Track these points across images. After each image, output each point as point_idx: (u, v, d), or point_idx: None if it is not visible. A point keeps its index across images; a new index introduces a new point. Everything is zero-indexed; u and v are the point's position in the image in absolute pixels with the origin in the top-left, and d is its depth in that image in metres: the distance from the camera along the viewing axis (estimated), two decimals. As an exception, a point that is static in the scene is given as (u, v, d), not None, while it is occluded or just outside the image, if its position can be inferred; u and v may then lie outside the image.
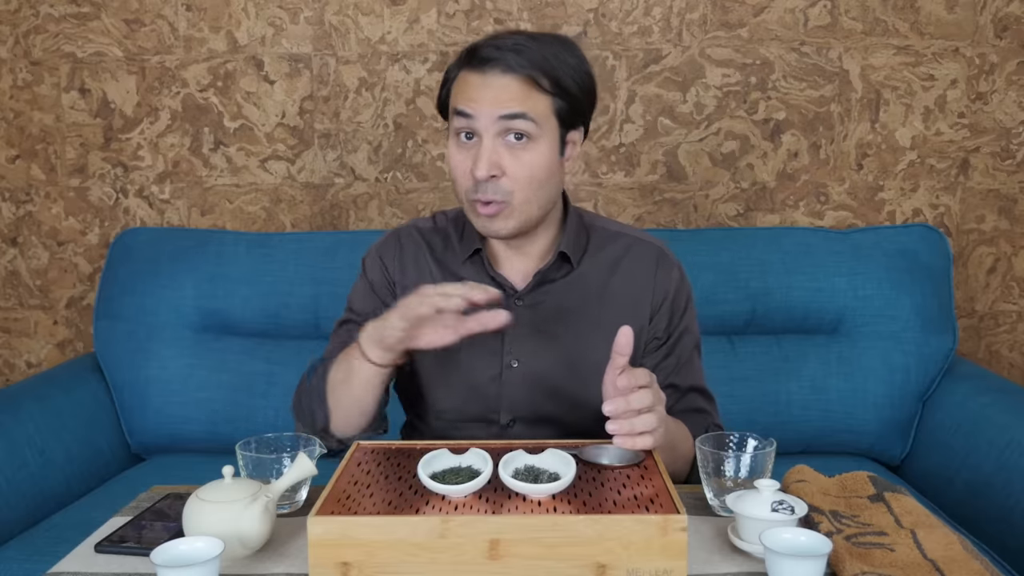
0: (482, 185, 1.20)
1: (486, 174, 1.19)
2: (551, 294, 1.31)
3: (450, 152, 1.25)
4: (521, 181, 1.20)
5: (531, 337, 1.29)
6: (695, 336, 1.37)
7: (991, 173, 2.16)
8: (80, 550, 1.03)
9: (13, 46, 2.24)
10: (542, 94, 1.20)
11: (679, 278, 1.35)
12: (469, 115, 1.20)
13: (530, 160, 1.20)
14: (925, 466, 1.87)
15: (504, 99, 1.19)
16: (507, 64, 1.19)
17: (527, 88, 1.19)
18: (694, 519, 1.06)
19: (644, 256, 1.34)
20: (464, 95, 1.21)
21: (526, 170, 1.20)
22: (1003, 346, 2.24)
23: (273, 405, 1.95)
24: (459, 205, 1.31)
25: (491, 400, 1.30)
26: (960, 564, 0.93)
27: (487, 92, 1.19)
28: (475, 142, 1.21)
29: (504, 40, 1.20)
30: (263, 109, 2.22)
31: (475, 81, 1.20)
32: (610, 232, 1.36)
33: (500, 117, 1.19)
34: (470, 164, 1.21)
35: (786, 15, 2.12)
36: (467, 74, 1.22)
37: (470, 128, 1.21)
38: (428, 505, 0.94)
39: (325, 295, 1.98)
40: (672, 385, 1.33)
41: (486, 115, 1.19)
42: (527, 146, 1.20)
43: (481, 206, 1.21)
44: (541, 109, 1.20)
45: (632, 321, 1.29)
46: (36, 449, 1.77)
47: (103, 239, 2.29)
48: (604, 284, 1.32)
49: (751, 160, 2.18)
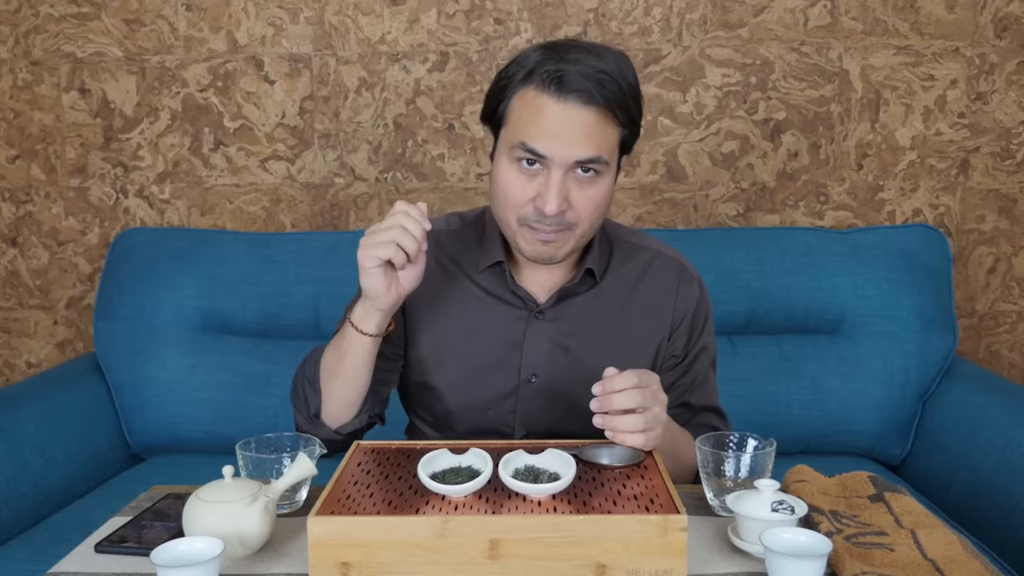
0: (547, 219, 1.16)
1: (557, 210, 1.14)
2: (572, 309, 1.29)
3: (504, 172, 1.18)
4: (584, 213, 1.17)
5: (550, 352, 1.28)
6: (712, 353, 1.36)
7: (991, 173, 2.16)
8: (80, 550, 1.03)
9: (13, 46, 2.24)
10: (615, 127, 1.16)
11: (699, 294, 1.33)
12: (542, 156, 1.14)
13: (595, 194, 1.17)
14: (925, 466, 1.87)
15: (581, 138, 1.13)
16: (590, 95, 1.12)
17: (604, 123, 1.14)
18: (694, 519, 1.05)
19: (665, 271, 1.32)
20: (537, 126, 1.13)
21: (591, 204, 1.17)
22: (1003, 346, 2.24)
23: (273, 405, 1.95)
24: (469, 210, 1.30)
25: (506, 414, 1.28)
26: (960, 564, 0.93)
27: (564, 127, 1.13)
28: (539, 170, 1.15)
29: (584, 67, 1.12)
30: (263, 109, 2.22)
31: (552, 111, 1.13)
32: (632, 245, 1.34)
33: (576, 161, 1.14)
34: (531, 193, 1.16)
35: (786, 15, 2.12)
36: (541, 98, 1.14)
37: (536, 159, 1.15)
38: (428, 505, 0.94)
39: (325, 295, 1.98)
40: (686, 403, 1.32)
41: (562, 157, 1.13)
42: (594, 180, 1.16)
43: (540, 233, 1.17)
44: (612, 145, 1.17)
45: (651, 335, 1.30)
46: (36, 449, 1.77)
47: (103, 239, 2.29)
48: (625, 299, 1.30)
49: (751, 160, 2.18)
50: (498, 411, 1.28)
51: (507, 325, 1.28)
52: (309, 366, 1.27)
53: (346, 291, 1.41)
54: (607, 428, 1.05)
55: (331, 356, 1.22)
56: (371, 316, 1.16)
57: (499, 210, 1.21)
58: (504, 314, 1.28)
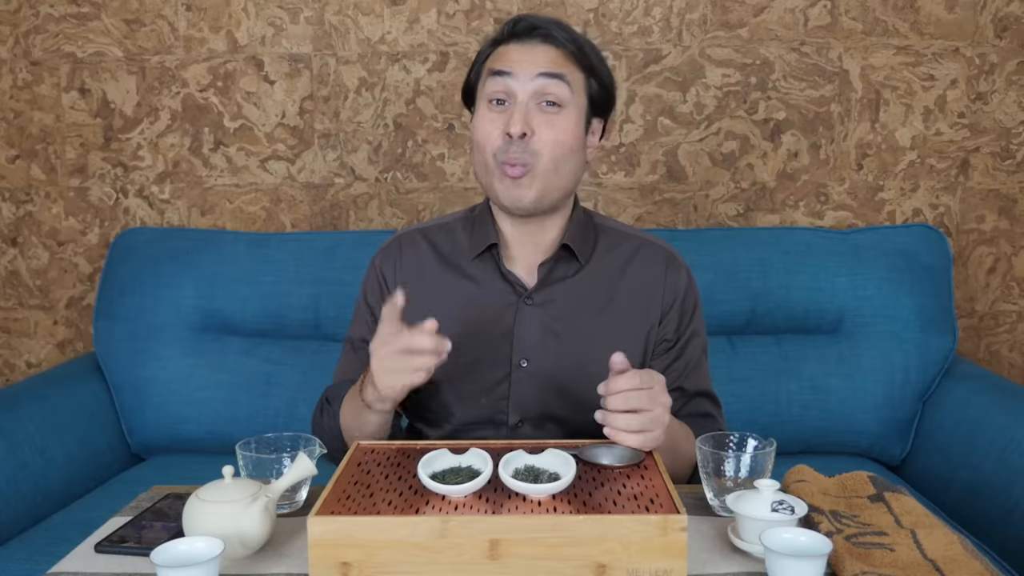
0: (513, 144, 1.21)
1: (520, 130, 1.21)
2: (561, 293, 1.31)
3: (479, 120, 1.26)
4: (549, 144, 1.23)
5: (540, 337, 1.29)
6: (703, 339, 1.37)
7: (991, 173, 2.16)
8: (80, 550, 1.03)
9: (13, 46, 2.24)
10: (578, 69, 1.25)
11: (688, 281, 1.35)
12: (507, 73, 1.23)
13: (560, 125, 1.23)
14: (925, 466, 1.87)
15: (543, 61, 1.23)
16: (549, 34, 1.24)
17: (565, 58, 1.24)
18: (694, 519, 1.06)
19: (653, 258, 1.34)
20: (503, 59, 1.25)
21: (555, 133, 1.23)
22: (1003, 346, 2.24)
23: (273, 405, 1.95)
24: (460, 209, 1.31)
25: (500, 401, 1.29)
26: (960, 564, 0.93)
27: (527, 55, 1.24)
28: (506, 107, 1.24)
29: (543, 19, 1.26)
30: (263, 109, 2.22)
31: (515, 47, 1.25)
32: (620, 233, 1.37)
33: (539, 74, 1.22)
34: (500, 127, 1.23)
35: (786, 15, 2.12)
36: (506, 45, 1.26)
37: (505, 90, 1.23)
38: (428, 505, 0.94)
39: (325, 295, 1.98)
40: (679, 388, 1.33)
41: (525, 73, 1.22)
42: (559, 113, 1.23)
43: (508, 168, 1.23)
44: (576, 79, 1.25)
45: (641, 322, 1.31)
46: (36, 449, 1.77)
47: (103, 239, 2.29)
48: (614, 285, 1.32)
49: (751, 160, 2.18)
50: (491, 398, 1.30)
51: (498, 312, 1.30)
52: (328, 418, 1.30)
53: (346, 291, 1.41)
54: (606, 425, 1.06)
55: (350, 421, 1.25)
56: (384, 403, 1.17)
57: (477, 157, 1.28)
58: (495, 301, 1.30)
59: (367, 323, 1.35)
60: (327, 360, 1.92)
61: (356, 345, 1.36)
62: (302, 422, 1.70)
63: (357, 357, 1.35)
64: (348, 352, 1.38)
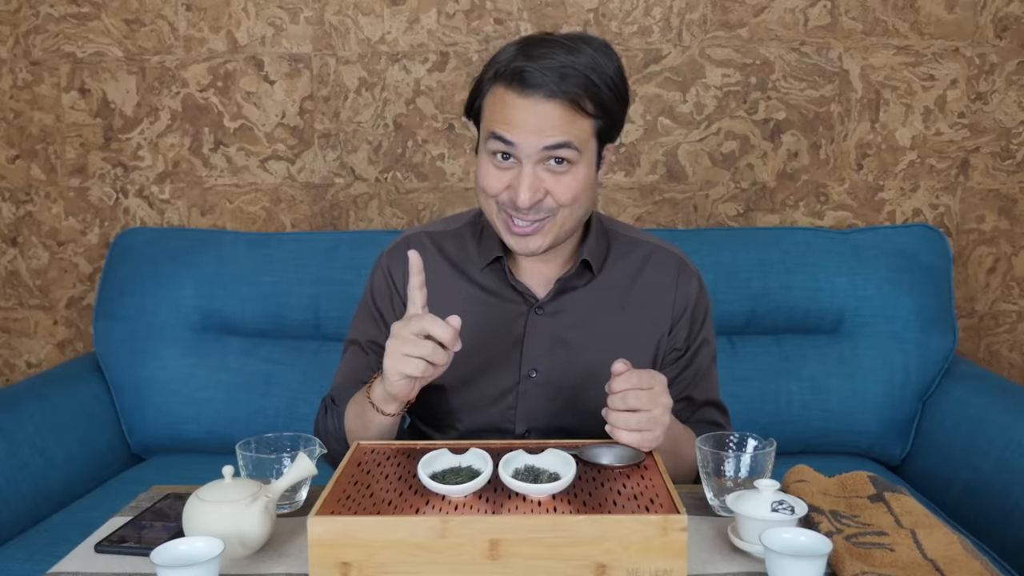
0: (523, 211, 1.17)
1: (529, 202, 1.16)
2: (571, 303, 1.29)
3: (482, 169, 1.20)
4: (564, 199, 1.18)
5: (550, 347, 1.28)
6: (712, 347, 1.36)
7: (991, 173, 2.16)
8: (80, 550, 1.03)
9: (13, 46, 2.24)
10: (585, 118, 1.17)
11: (699, 289, 1.34)
12: (510, 142, 1.16)
13: (571, 183, 1.18)
14: (925, 466, 1.87)
15: (547, 128, 1.15)
16: (551, 90, 1.14)
17: (571, 114, 1.15)
18: (694, 519, 1.06)
19: (664, 265, 1.33)
20: (504, 119, 1.16)
21: (568, 193, 1.18)
22: (1003, 346, 2.24)
23: (273, 405, 1.95)
24: (465, 211, 1.30)
25: (507, 410, 1.29)
26: (960, 564, 0.93)
27: (529, 119, 1.15)
28: (512, 164, 1.18)
29: (549, 62, 1.14)
30: (263, 109, 2.22)
31: (516, 104, 1.15)
32: (631, 239, 1.35)
33: (544, 148, 1.15)
34: (505, 183, 1.18)
35: (786, 15, 2.12)
36: (507, 94, 1.16)
37: (508, 152, 1.17)
38: (428, 505, 0.94)
39: (325, 295, 1.98)
40: (688, 398, 1.32)
41: (529, 145, 1.15)
42: (568, 170, 1.18)
43: (515, 226, 1.19)
44: (583, 134, 1.17)
45: (651, 330, 1.30)
46: (36, 449, 1.77)
47: (103, 239, 2.29)
48: (625, 293, 1.31)
49: (751, 160, 2.18)
50: (499, 407, 1.29)
51: (508, 322, 1.28)
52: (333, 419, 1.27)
53: (346, 291, 1.41)
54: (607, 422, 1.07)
55: (355, 424, 1.22)
56: (391, 403, 1.15)
57: (481, 202, 1.24)
58: (505, 311, 1.29)
59: (377, 324, 1.33)
60: (327, 360, 1.92)
61: (364, 346, 1.33)
62: (302, 422, 1.70)
63: (367, 359, 1.33)
64: (354, 353, 1.35)
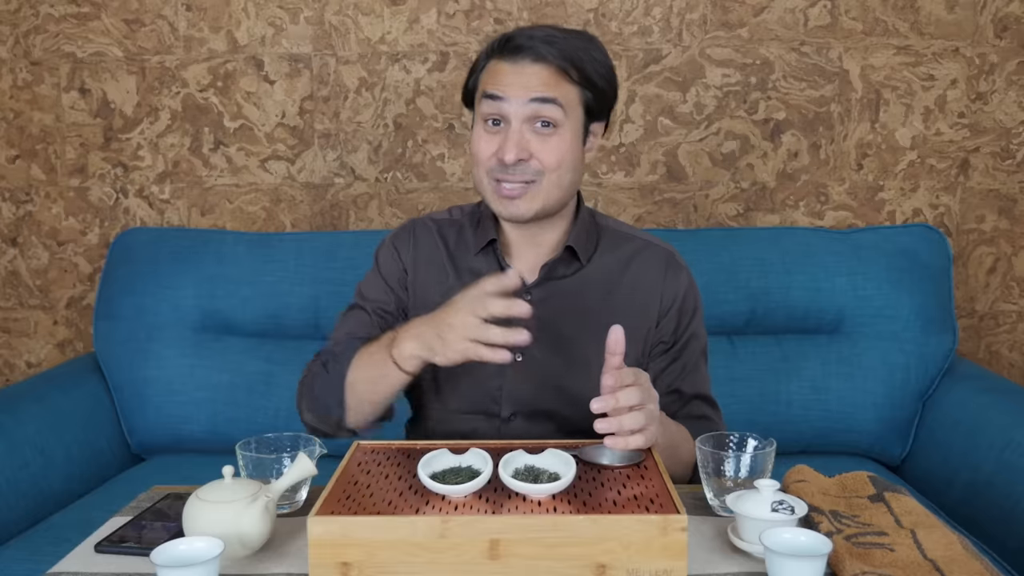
0: (510, 168, 1.22)
1: (515, 157, 1.21)
2: (560, 291, 1.31)
3: (475, 137, 1.27)
4: (548, 161, 1.23)
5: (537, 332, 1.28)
6: (702, 342, 1.37)
7: (991, 173, 2.16)
8: (80, 550, 1.03)
9: (13, 46, 2.24)
10: (571, 84, 1.24)
11: (688, 283, 1.35)
12: (500, 97, 1.22)
13: (557, 145, 1.23)
14: (925, 466, 1.87)
15: (535, 85, 1.22)
16: (538, 53, 1.22)
17: (557, 77, 1.23)
18: (694, 519, 1.05)
19: (654, 259, 1.35)
20: (495, 81, 1.24)
21: (554, 155, 1.23)
22: (1003, 346, 2.24)
23: (273, 405, 1.95)
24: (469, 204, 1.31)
25: (493, 392, 1.30)
26: (960, 564, 0.93)
27: (518, 78, 1.22)
28: (502, 128, 1.24)
29: (535, 31, 1.24)
30: (263, 109, 2.22)
31: (506, 68, 1.23)
32: (621, 234, 1.38)
33: (531, 100, 1.21)
34: (495, 148, 1.23)
35: (786, 15, 2.12)
36: (498, 62, 1.25)
37: (499, 113, 1.23)
38: (428, 505, 0.94)
39: (325, 295, 1.98)
40: (676, 391, 1.32)
41: (517, 99, 1.22)
42: (554, 132, 1.23)
43: (504, 187, 1.23)
44: (570, 98, 1.24)
45: (639, 323, 1.31)
46: (36, 449, 1.76)
47: (103, 239, 2.29)
48: (613, 284, 1.33)
49: (751, 160, 2.18)
50: (485, 389, 1.30)
51: None
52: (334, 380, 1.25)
53: (346, 291, 1.41)
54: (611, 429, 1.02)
55: (362, 382, 1.22)
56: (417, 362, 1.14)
57: (474, 171, 1.29)
58: None
59: (386, 292, 1.35)
60: (327, 360, 1.92)
61: (371, 310, 1.34)
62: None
63: (371, 320, 1.33)
64: (358, 313, 1.35)
